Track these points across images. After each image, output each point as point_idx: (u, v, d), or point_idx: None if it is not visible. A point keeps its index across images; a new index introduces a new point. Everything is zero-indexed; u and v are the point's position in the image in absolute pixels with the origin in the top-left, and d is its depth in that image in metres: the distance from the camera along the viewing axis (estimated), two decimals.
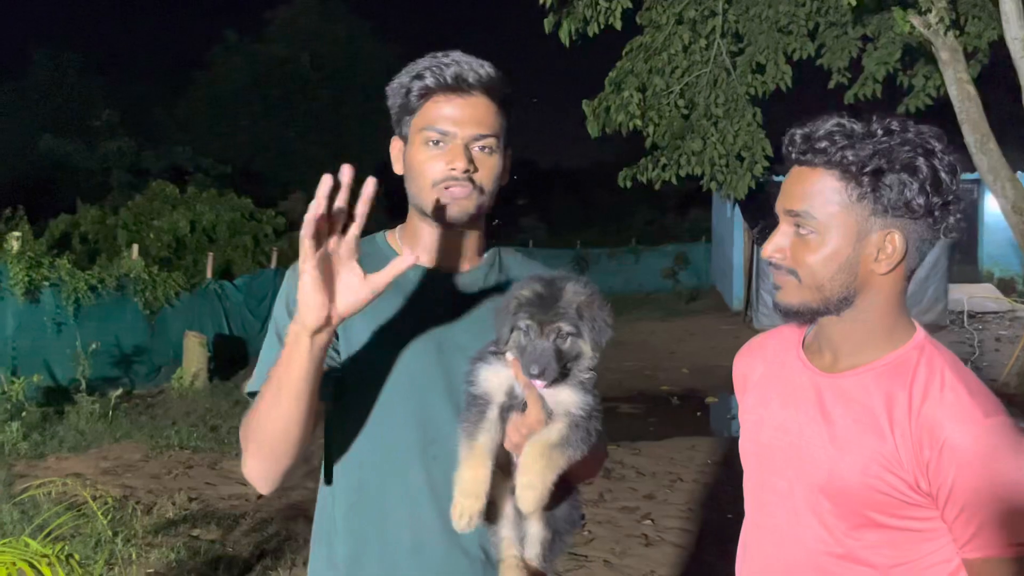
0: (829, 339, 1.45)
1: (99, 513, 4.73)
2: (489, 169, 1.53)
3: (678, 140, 10.90)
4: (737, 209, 16.70)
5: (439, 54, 1.52)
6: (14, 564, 2.54)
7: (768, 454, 1.52)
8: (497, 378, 1.41)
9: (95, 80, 31.72)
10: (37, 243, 11.03)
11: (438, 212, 1.52)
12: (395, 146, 1.61)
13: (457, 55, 1.52)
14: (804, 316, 1.43)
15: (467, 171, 1.49)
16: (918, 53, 10.19)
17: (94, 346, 8.45)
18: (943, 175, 1.31)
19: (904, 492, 1.33)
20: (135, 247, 10.69)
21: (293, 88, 30.88)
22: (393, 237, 1.65)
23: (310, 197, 1.30)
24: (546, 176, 46.25)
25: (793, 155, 1.39)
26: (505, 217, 32.80)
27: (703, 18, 10.67)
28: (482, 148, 1.51)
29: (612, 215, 31.73)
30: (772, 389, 1.55)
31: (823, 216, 1.34)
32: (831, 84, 10.78)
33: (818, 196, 1.35)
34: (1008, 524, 1.26)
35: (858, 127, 1.34)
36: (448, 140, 1.50)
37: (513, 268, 1.68)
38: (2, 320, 8.31)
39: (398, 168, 1.60)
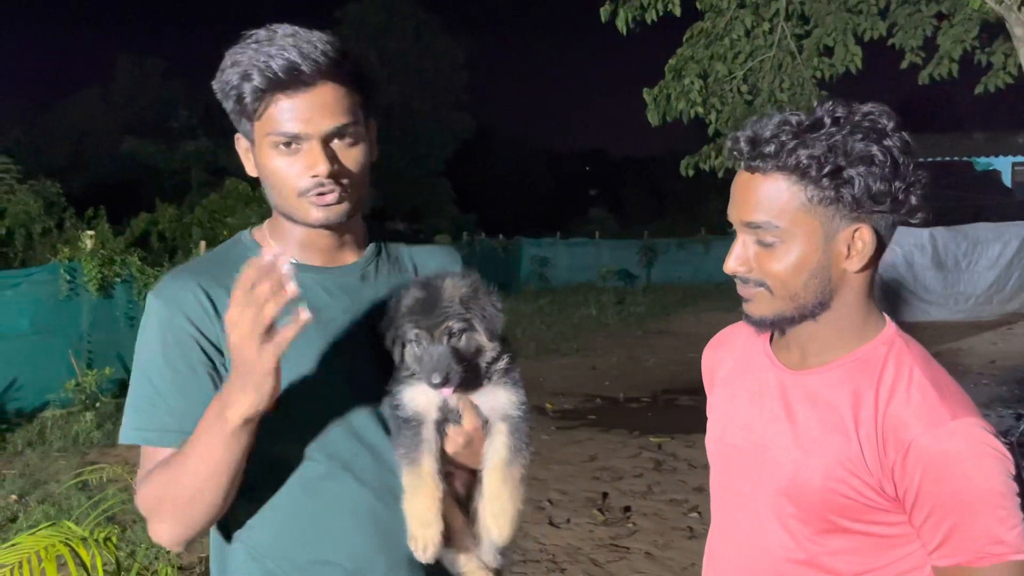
0: (798, 337, 1.38)
1: None
2: (354, 160, 1.37)
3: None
4: None
5: (262, 38, 1.30)
6: (53, 546, 2.63)
7: (732, 455, 1.46)
8: (425, 396, 1.35)
9: (175, 83, 32.87)
10: (116, 241, 11.48)
11: (307, 221, 1.37)
12: (240, 145, 1.42)
13: (283, 36, 1.30)
14: (779, 326, 1.36)
15: (331, 173, 1.32)
16: (997, 29, 9.71)
17: None
18: (899, 157, 1.24)
19: (868, 496, 1.27)
20: (203, 243, 11.04)
21: None
22: (263, 236, 1.49)
23: (377, 192, 1.22)
24: (617, 166, 45.93)
25: (741, 162, 1.30)
26: (573, 208, 32.70)
27: (766, 1, 10.39)
28: (341, 139, 1.35)
29: (684, 205, 31.35)
30: (739, 386, 1.49)
31: (785, 223, 1.27)
32: (904, 64, 10.35)
33: (775, 203, 1.27)
34: (978, 531, 1.20)
35: (804, 120, 1.26)
36: (301, 141, 1.32)
37: (402, 252, 1.57)
38: (77, 315, 8.65)
39: (250, 169, 1.42)
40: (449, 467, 1.39)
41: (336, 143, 1.34)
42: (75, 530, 2.75)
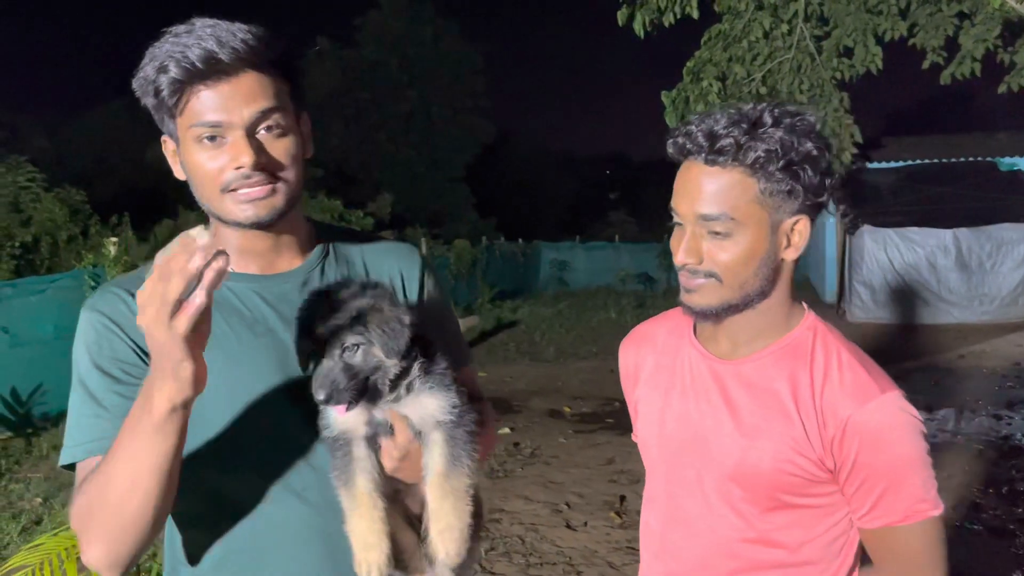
0: (728, 327, 1.45)
1: None
2: (283, 151, 1.29)
3: None
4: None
5: (181, 31, 1.24)
6: (75, 547, 2.68)
7: (673, 445, 1.51)
8: (352, 413, 1.27)
9: None
10: (140, 248, 11.63)
11: (237, 219, 1.28)
12: (167, 147, 1.35)
13: (201, 27, 1.23)
14: (724, 315, 1.42)
15: (259, 164, 1.25)
16: (1020, 28, 9.61)
17: None
18: (827, 155, 1.35)
19: (811, 472, 1.37)
20: None
21: (383, 91, 31.50)
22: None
23: (398, 198, 1.19)
24: (636, 169, 45.84)
25: (698, 156, 1.36)
26: (593, 212, 32.64)
27: (784, 2, 10.36)
28: (268, 129, 1.27)
29: None
30: (668, 379, 1.54)
31: (738, 215, 1.34)
32: (925, 64, 10.27)
33: (730, 195, 1.33)
34: (904, 493, 1.34)
35: (750, 116, 1.34)
36: (224, 132, 1.24)
37: (352, 253, 1.49)
38: None
39: (178, 172, 1.34)
40: (397, 483, 1.33)
41: (263, 134, 1.27)
42: None
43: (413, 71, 32.20)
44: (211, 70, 1.22)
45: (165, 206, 23.05)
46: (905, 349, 11.78)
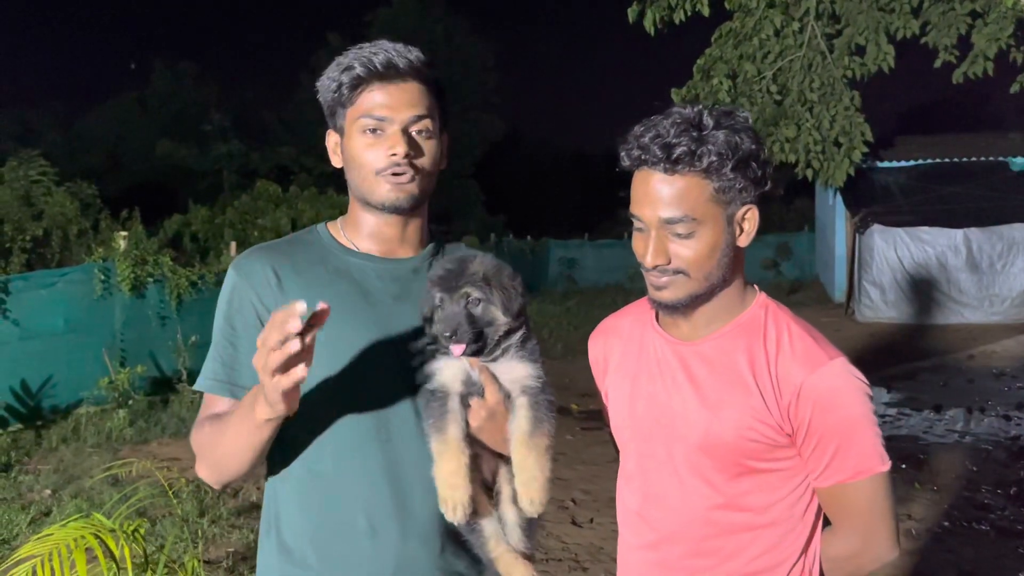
0: (686, 313, 1.55)
1: (178, 497, 4.98)
2: (429, 152, 1.55)
3: (771, 127, 10.57)
4: (839, 197, 16.05)
5: (365, 45, 1.53)
6: (83, 538, 2.69)
7: (643, 426, 1.62)
8: (450, 369, 1.45)
9: (208, 86, 33.31)
10: (149, 242, 11.68)
11: (381, 200, 1.53)
12: (331, 139, 1.61)
13: (383, 43, 1.53)
14: (692, 306, 1.53)
15: (408, 156, 1.50)
16: None
17: (194, 339, 8.87)
18: (763, 146, 1.48)
19: (771, 437, 1.49)
20: (233, 244, 11.19)
21: None
22: (335, 227, 1.66)
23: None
24: None
25: (655, 166, 1.45)
26: (602, 210, 32.61)
27: (796, 0, 10.30)
28: (419, 132, 1.53)
29: None
30: (635, 365, 1.66)
31: (699, 215, 1.44)
32: (937, 63, 10.21)
33: (688, 198, 1.44)
34: (855, 451, 1.46)
35: (692, 120, 1.44)
36: (385, 127, 1.51)
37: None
38: (111, 314, 8.81)
39: (336, 161, 1.61)
40: (476, 448, 1.47)
41: (415, 134, 1.52)
42: (104, 522, 2.80)
43: None
44: (388, 73, 1.50)
45: (174, 201, 23.19)
46: (914, 349, 11.74)
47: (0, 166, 12.71)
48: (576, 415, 8.40)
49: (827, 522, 1.59)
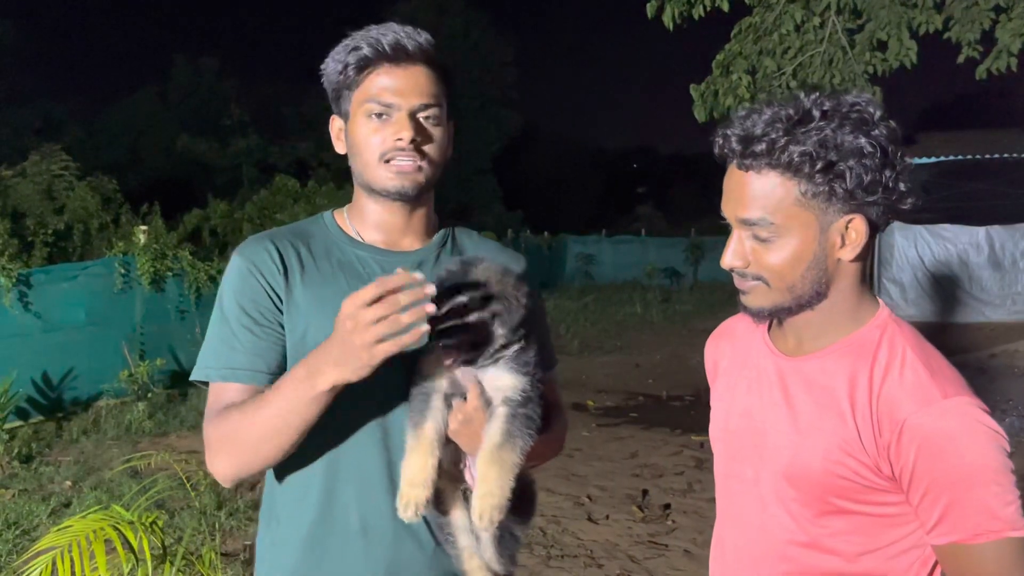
0: (793, 325, 1.40)
1: (196, 489, 5.01)
2: (436, 139, 1.49)
3: None
4: None
5: (373, 27, 1.48)
6: (102, 529, 2.72)
7: (735, 442, 1.48)
8: (438, 367, 1.40)
9: (228, 82, 33.50)
10: (168, 236, 11.77)
11: (386, 187, 1.49)
12: (335, 125, 1.57)
13: (393, 25, 1.47)
14: (777, 316, 1.38)
15: (414, 141, 1.45)
16: None
17: None
18: (888, 146, 1.24)
19: (866, 476, 1.29)
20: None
21: None
22: (341, 216, 1.61)
23: None
24: (664, 163, 45.55)
25: (732, 159, 1.31)
26: (620, 206, 32.52)
27: None
28: (427, 118, 1.48)
29: None
30: (739, 374, 1.51)
31: (780, 219, 1.29)
32: (960, 59, 10.07)
33: (769, 199, 1.28)
34: (973, 507, 1.22)
35: (793, 114, 1.26)
36: (392, 111, 1.46)
37: (468, 247, 1.64)
38: (131, 308, 8.89)
39: (340, 147, 1.56)
40: (455, 454, 1.43)
41: (422, 120, 1.47)
42: (123, 514, 2.82)
43: None
44: (396, 55, 1.44)
45: (194, 195, 23.33)
46: (936, 347, 11.61)
47: (23, 160, 12.85)
48: (592, 411, 8.39)
49: None
